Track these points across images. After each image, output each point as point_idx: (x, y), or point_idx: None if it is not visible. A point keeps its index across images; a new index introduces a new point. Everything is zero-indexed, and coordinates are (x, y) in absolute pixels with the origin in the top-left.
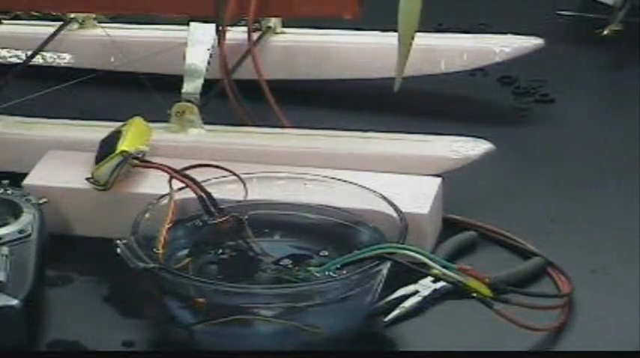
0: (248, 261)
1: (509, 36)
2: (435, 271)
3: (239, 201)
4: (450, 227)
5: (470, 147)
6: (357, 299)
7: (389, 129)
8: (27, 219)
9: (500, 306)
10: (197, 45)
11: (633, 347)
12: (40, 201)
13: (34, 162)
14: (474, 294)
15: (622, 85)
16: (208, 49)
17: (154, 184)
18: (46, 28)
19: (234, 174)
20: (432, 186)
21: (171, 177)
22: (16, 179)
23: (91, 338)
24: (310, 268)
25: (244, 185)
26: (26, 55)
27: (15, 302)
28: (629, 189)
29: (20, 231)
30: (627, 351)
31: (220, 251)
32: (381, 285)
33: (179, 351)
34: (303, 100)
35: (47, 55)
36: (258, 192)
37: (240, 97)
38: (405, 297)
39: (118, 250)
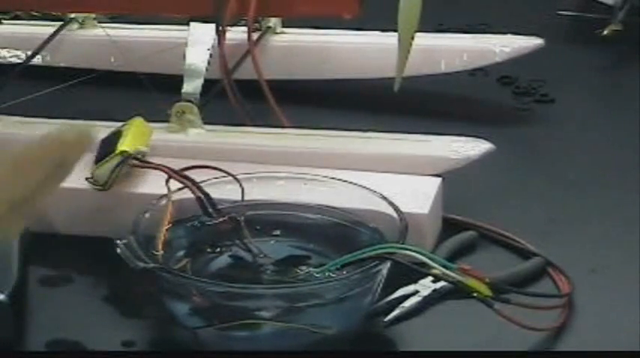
0: (247, 261)
1: (509, 36)
2: (435, 271)
3: (238, 202)
4: (450, 227)
5: (470, 147)
6: (357, 299)
7: (389, 129)
8: None
9: (500, 306)
10: (197, 45)
11: (633, 347)
12: None
13: None
14: (474, 294)
15: (622, 85)
16: (208, 49)
17: (153, 184)
18: (46, 28)
19: (231, 176)
20: (432, 186)
21: (169, 178)
22: None
23: (91, 338)
24: (310, 268)
25: (241, 186)
26: (26, 55)
27: (1, 296)
28: (628, 189)
29: None
30: (627, 351)
31: (219, 251)
32: (381, 285)
33: (179, 351)
34: (303, 100)
35: (47, 55)
36: (257, 193)
37: (240, 97)
38: (405, 297)
39: (118, 250)
